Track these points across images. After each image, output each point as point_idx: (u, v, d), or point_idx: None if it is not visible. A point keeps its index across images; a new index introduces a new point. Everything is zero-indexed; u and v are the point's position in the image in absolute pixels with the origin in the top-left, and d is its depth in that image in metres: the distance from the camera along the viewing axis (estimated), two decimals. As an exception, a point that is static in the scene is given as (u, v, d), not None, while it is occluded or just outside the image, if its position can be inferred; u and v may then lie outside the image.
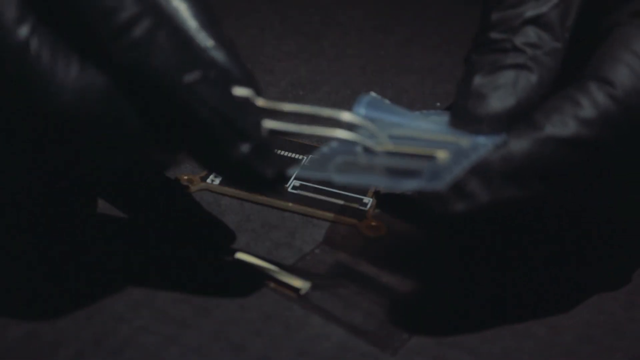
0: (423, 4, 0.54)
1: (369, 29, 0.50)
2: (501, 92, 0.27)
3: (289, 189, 0.35)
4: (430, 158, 0.26)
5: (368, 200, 0.35)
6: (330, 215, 0.34)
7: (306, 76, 0.45)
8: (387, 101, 0.29)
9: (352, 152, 0.27)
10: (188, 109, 0.25)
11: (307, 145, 0.38)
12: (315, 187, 0.35)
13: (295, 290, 0.30)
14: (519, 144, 0.26)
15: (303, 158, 0.37)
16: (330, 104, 0.42)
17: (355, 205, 0.34)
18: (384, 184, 0.28)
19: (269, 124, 0.27)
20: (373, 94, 0.29)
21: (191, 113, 0.25)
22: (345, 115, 0.27)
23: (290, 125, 0.27)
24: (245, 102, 0.26)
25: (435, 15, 0.53)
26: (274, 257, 0.32)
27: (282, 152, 0.37)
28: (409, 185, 0.25)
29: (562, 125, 0.26)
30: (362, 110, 0.28)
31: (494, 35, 0.28)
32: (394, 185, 0.26)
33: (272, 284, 0.31)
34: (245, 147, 0.26)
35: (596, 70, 0.27)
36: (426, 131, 0.28)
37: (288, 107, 0.27)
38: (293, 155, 0.37)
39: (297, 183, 0.35)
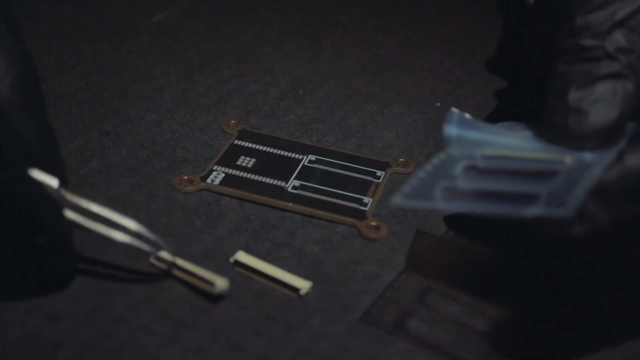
0: (423, 4, 0.54)
1: (369, 29, 0.50)
2: (601, 106, 0.26)
3: (289, 189, 0.35)
4: (537, 176, 0.25)
5: (368, 200, 0.35)
6: (330, 215, 0.34)
7: (306, 76, 0.45)
8: (468, 115, 0.28)
9: (451, 175, 0.26)
10: None
11: (307, 145, 0.38)
12: (315, 187, 0.35)
13: (295, 290, 0.30)
14: (636, 160, 0.25)
15: (303, 158, 0.37)
16: (330, 103, 0.42)
17: (355, 205, 0.34)
18: (501, 210, 0.25)
19: (69, 214, 0.28)
20: (455, 110, 0.28)
21: None
22: (131, 224, 0.28)
23: (87, 221, 0.28)
24: (49, 195, 0.27)
25: (435, 15, 0.53)
26: (274, 257, 0.32)
27: (282, 152, 0.37)
28: (531, 212, 0.24)
29: None
30: (454, 130, 0.27)
31: (583, 41, 0.27)
32: (514, 213, 0.25)
33: (272, 284, 0.31)
34: (42, 240, 0.27)
35: None
36: (522, 149, 0.27)
37: (86, 204, 0.28)
38: (293, 155, 0.37)
39: (297, 183, 0.35)
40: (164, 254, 0.30)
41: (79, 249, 0.31)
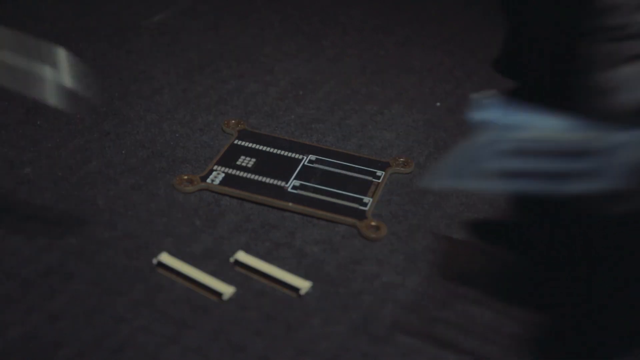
0: (423, 4, 0.54)
1: (369, 29, 0.50)
2: (631, 85, 0.26)
3: (289, 189, 0.35)
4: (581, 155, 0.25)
5: (368, 200, 0.35)
6: (330, 215, 0.34)
7: (306, 76, 0.45)
8: (497, 99, 0.28)
9: (487, 156, 0.26)
10: None
11: (307, 145, 0.38)
12: (315, 187, 0.35)
13: (295, 290, 0.30)
14: None
15: (303, 158, 0.37)
16: (330, 103, 0.42)
17: (355, 205, 0.34)
18: (541, 187, 0.26)
19: None
20: (486, 93, 0.28)
21: None
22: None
23: None
24: None
25: (435, 15, 0.53)
26: (274, 257, 0.32)
27: (282, 152, 0.37)
28: (572, 188, 0.25)
29: None
30: (487, 113, 0.27)
31: (607, 21, 0.27)
32: (555, 189, 0.25)
33: (272, 284, 0.31)
34: None
35: None
36: (556, 130, 0.27)
37: None
38: (293, 155, 0.37)
39: (297, 183, 0.35)
40: (165, 256, 0.30)
41: (79, 249, 0.31)
